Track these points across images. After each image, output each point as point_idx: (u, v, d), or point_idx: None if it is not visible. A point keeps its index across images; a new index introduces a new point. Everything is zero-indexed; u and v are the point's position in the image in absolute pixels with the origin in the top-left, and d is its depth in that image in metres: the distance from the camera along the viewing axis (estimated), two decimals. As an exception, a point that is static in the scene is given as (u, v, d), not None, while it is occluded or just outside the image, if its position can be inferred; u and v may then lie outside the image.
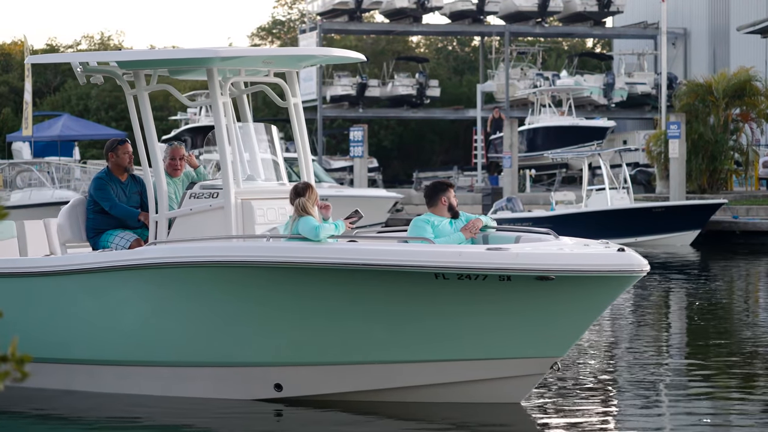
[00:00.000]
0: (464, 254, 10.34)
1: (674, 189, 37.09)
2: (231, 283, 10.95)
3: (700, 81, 41.05)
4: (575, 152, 37.93)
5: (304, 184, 11.22)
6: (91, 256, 11.75)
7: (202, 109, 59.29)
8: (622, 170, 32.88)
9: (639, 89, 61.63)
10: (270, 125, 12.70)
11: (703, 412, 11.20)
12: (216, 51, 11.68)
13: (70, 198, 40.49)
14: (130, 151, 12.72)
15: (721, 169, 39.90)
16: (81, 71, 11.99)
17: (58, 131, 52.28)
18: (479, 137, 56.60)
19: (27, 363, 4.12)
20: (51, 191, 40.88)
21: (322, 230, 10.73)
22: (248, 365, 11.27)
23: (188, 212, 11.79)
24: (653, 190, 42.78)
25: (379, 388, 11.17)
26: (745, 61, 46.75)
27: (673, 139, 37.40)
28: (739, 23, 50.10)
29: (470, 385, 11.04)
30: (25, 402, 11.70)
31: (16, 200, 39.96)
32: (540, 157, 47.84)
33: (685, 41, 63.45)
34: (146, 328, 11.40)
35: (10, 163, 48.96)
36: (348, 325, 10.89)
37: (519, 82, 62.04)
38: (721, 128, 39.42)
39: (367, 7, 62.38)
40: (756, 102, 40.00)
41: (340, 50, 12.37)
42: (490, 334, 10.76)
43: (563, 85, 57.21)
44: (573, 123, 52.85)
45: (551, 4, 61.61)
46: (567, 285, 10.43)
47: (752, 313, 19.66)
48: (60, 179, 45.65)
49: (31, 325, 11.83)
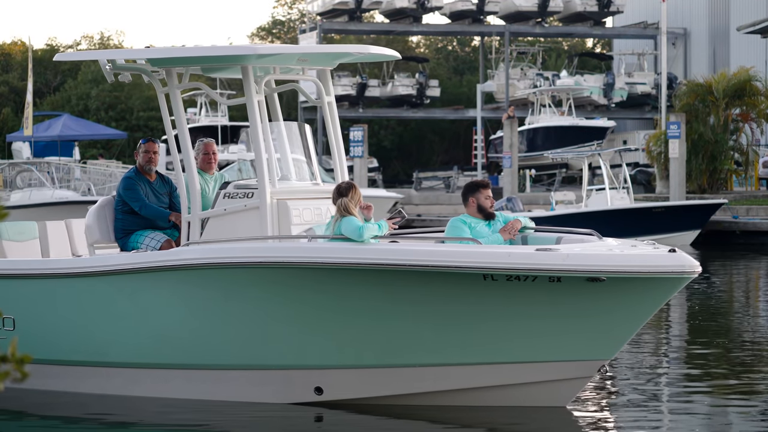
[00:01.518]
0: (514, 255, 10.10)
1: (674, 189, 37.09)
2: (272, 285, 10.69)
3: (700, 81, 41.05)
4: (575, 152, 37.92)
5: (347, 184, 10.95)
6: (126, 257, 11.43)
7: (202, 108, 59.30)
8: (622, 170, 32.88)
9: (639, 89, 61.65)
10: (303, 124, 12.42)
11: (704, 412, 11.18)
12: (253, 48, 11.50)
13: (69, 198, 40.67)
14: (152, 149, 12.40)
15: (721, 169, 39.90)
16: (110, 69, 11.64)
17: (58, 131, 52.28)
18: (479, 137, 56.59)
19: (27, 363, 4.12)
20: (51, 191, 40.87)
21: (365, 231, 10.46)
22: (288, 368, 11.00)
23: (222, 212, 11.46)
24: (653, 190, 42.78)
25: (422, 391, 10.89)
26: (745, 61, 46.76)
27: (673, 139, 37.40)
28: (739, 23, 50.10)
29: (515, 388, 10.79)
30: (60, 407, 11.48)
31: (16, 200, 39.95)
32: (540, 157, 47.86)
33: (685, 41, 63.44)
34: (183, 330, 11.12)
35: (10, 163, 48.96)
36: (392, 327, 10.62)
37: (519, 82, 62.05)
38: (721, 128, 39.42)
39: (367, 7, 62.37)
40: (756, 102, 40.00)
41: (376, 47, 11.98)
42: (537, 336, 10.51)
43: (563, 85, 57.22)
44: (573, 123, 52.87)
45: (551, 4, 61.61)
46: (618, 286, 10.19)
47: (752, 312, 19.65)
48: (60, 179, 45.65)
49: (63, 327, 11.57)
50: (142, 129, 71.36)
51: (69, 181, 46.88)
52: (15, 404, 11.55)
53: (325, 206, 11.63)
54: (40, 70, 73.54)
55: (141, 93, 72.53)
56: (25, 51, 74.88)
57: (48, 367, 11.69)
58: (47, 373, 11.72)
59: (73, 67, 77.64)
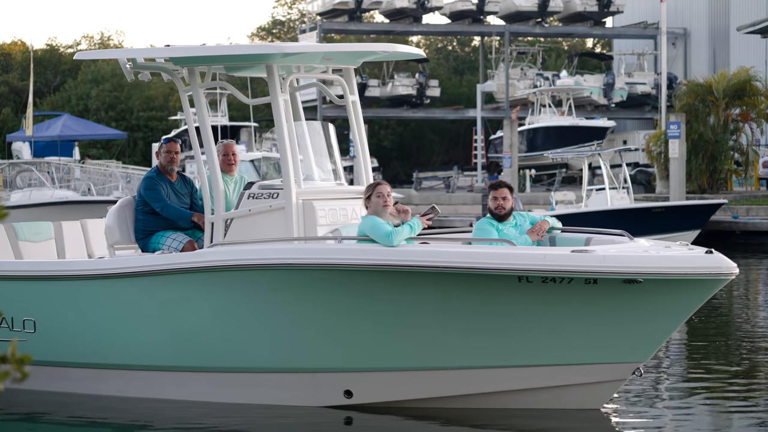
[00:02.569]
0: (549, 256, 9.92)
1: (674, 189, 37.08)
2: (301, 287, 10.49)
3: (700, 81, 41.05)
4: (575, 152, 37.91)
5: (372, 182, 10.84)
6: (151, 259, 11.19)
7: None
8: (622, 170, 32.86)
9: (639, 89, 61.68)
10: (327, 123, 12.23)
11: (703, 412, 11.17)
12: (279, 47, 11.27)
13: (69, 198, 40.66)
14: (174, 150, 12.14)
15: (721, 169, 39.90)
16: (130, 68, 11.38)
17: (58, 131, 52.27)
18: (479, 137, 56.61)
19: (27, 363, 4.12)
20: (51, 191, 40.87)
21: (395, 237, 10.25)
22: (317, 371, 10.81)
23: (247, 213, 11.20)
24: (653, 190, 42.78)
25: (453, 394, 10.72)
26: (745, 61, 46.77)
27: (673, 139, 37.39)
28: (739, 23, 50.10)
29: (549, 391, 10.63)
30: (80, 409, 11.33)
31: (16, 200, 39.95)
32: (540, 157, 47.87)
33: (685, 41, 63.45)
34: (209, 333, 10.91)
35: (10, 163, 48.96)
36: (423, 329, 10.43)
37: (519, 82, 62.07)
38: (721, 128, 39.42)
39: (367, 7, 62.38)
40: (756, 102, 39.99)
41: (402, 46, 11.77)
42: (572, 338, 10.35)
43: (563, 85, 57.24)
44: (573, 123, 52.89)
45: (551, 4, 61.63)
46: (654, 288, 10.02)
47: (752, 313, 19.66)
48: (60, 179, 45.65)
49: (85, 330, 11.40)
50: (142, 129, 71.39)
51: (69, 181, 46.88)
52: (35, 407, 11.44)
53: (351, 207, 11.48)
54: (40, 70, 73.53)
55: (141, 93, 72.54)
56: (25, 51, 74.96)
57: (69, 370, 11.60)
58: (68, 376, 11.62)
59: (73, 67, 77.62)
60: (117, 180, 47.08)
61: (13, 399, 11.54)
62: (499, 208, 11.22)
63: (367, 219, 10.55)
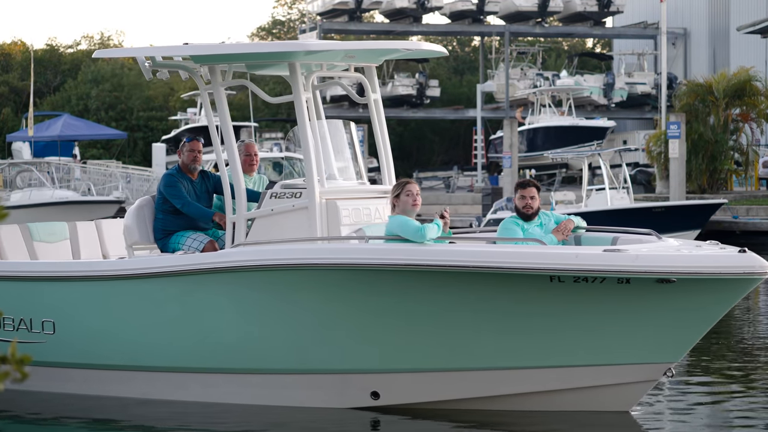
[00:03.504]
0: (581, 256, 9.80)
1: (674, 189, 37.07)
2: (328, 287, 10.35)
3: (700, 81, 41.05)
4: (575, 152, 37.91)
5: (400, 181, 10.74)
6: (175, 259, 11.03)
7: (202, 109, 59.30)
8: (622, 170, 32.86)
9: (639, 89, 61.67)
10: (348, 122, 12.06)
11: (702, 411, 11.15)
12: (302, 45, 11.11)
13: (69, 198, 40.67)
14: (196, 149, 11.93)
15: (721, 169, 39.90)
16: (149, 66, 11.22)
17: (58, 131, 52.28)
18: (479, 137, 56.61)
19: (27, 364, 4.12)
20: (51, 191, 40.89)
21: (427, 231, 10.15)
22: (344, 372, 10.67)
23: (269, 213, 11.02)
24: (653, 190, 42.78)
25: (482, 395, 10.59)
26: (745, 61, 46.76)
27: (673, 139, 37.38)
28: (739, 23, 50.10)
29: (579, 392, 10.49)
30: (102, 411, 11.18)
31: (16, 200, 39.96)
32: (540, 157, 47.86)
33: (685, 41, 63.45)
34: (234, 333, 10.76)
35: (10, 163, 48.96)
36: (454, 329, 10.29)
37: (519, 82, 62.07)
38: (721, 128, 39.41)
39: (367, 7, 62.39)
40: (756, 102, 39.99)
41: (425, 43, 11.63)
42: (604, 339, 10.22)
43: (563, 85, 57.24)
44: (573, 123, 52.88)
45: (551, 4, 61.63)
46: (687, 288, 9.91)
47: (752, 313, 19.65)
48: (60, 179, 45.66)
49: (106, 331, 11.24)
50: (142, 129, 71.39)
51: (69, 181, 46.88)
52: (55, 409, 11.32)
53: (374, 206, 11.34)
54: (40, 70, 73.52)
55: (141, 93, 72.54)
56: (25, 51, 74.95)
57: (89, 372, 11.46)
58: (88, 378, 11.48)
59: (73, 67, 77.61)
60: (117, 180, 47.09)
61: (32, 401, 11.43)
62: (526, 207, 11.09)
63: (395, 218, 10.42)
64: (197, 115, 59.85)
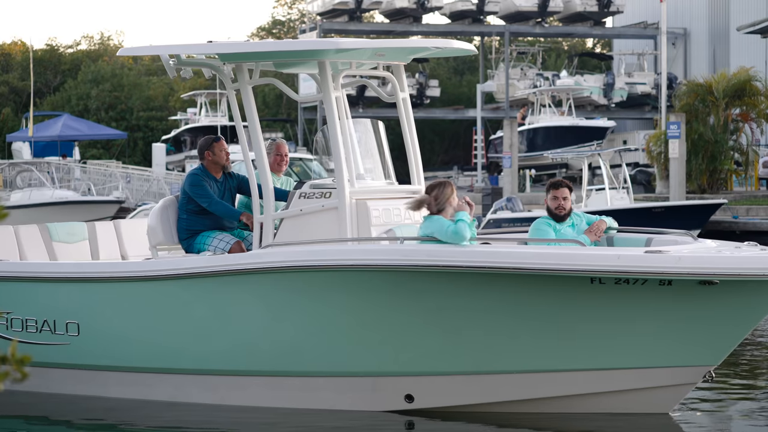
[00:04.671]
0: (623, 257, 9.58)
1: (674, 189, 37.07)
2: (363, 288, 10.16)
3: (700, 81, 41.03)
4: (575, 152, 37.92)
5: (437, 181, 10.58)
6: (205, 260, 10.78)
7: (202, 109, 59.30)
8: (622, 170, 32.86)
9: (639, 89, 61.71)
10: (377, 121, 11.91)
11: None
12: (334, 42, 10.85)
13: (69, 198, 40.70)
14: (226, 148, 11.75)
15: (721, 169, 39.88)
16: (174, 64, 10.97)
17: (58, 131, 52.34)
18: (479, 137, 56.64)
19: (27, 363, 4.12)
20: (51, 191, 40.93)
21: (464, 231, 9.96)
22: (378, 375, 10.45)
23: (298, 213, 10.80)
24: (653, 190, 42.78)
25: (519, 399, 10.40)
26: (745, 61, 46.77)
27: (673, 139, 37.38)
28: (739, 23, 50.11)
29: (618, 395, 10.32)
30: (128, 414, 10.97)
31: (16, 200, 40.00)
32: (540, 157, 47.88)
33: (685, 41, 63.47)
34: (266, 336, 10.55)
35: (10, 163, 49.00)
36: (491, 331, 10.11)
37: (519, 82, 62.10)
38: (721, 128, 39.40)
39: (367, 7, 62.40)
40: (756, 102, 39.98)
41: (455, 41, 11.41)
42: (644, 341, 10.05)
43: (563, 85, 57.25)
44: (573, 123, 52.91)
45: (551, 4, 61.66)
46: (729, 290, 9.73)
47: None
48: (60, 179, 45.68)
49: (133, 333, 11.02)
50: (142, 129, 71.40)
51: (69, 181, 46.91)
52: (80, 412, 11.16)
53: (404, 206, 11.08)
54: (40, 70, 73.55)
55: (141, 93, 72.56)
56: (25, 51, 74.96)
57: (114, 374, 11.27)
58: (114, 381, 11.30)
59: (73, 67, 77.60)
60: (117, 180, 47.11)
61: (56, 403, 11.31)
62: (559, 208, 10.95)
63: (431, 219, 10.24)
64: (197, 115, 59.86)
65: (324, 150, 11.44)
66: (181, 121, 61.86)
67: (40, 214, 36.70)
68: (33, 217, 34.88)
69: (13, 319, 11.55)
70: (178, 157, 57.47)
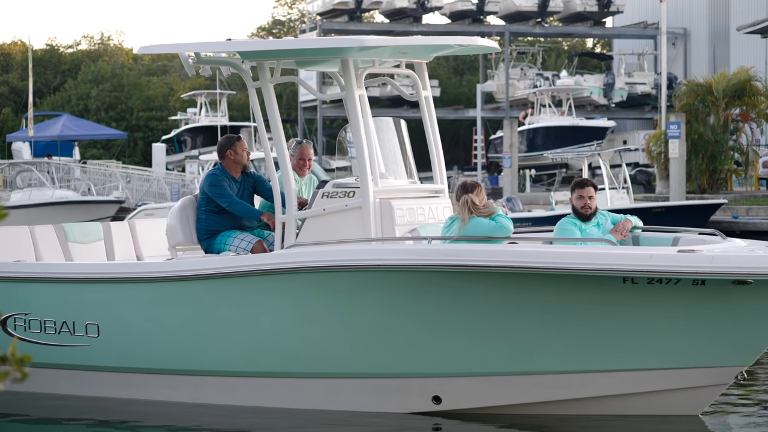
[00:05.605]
0: (656, 257, 9.48)
1: (674, 189, 37.06)
2: (391, 288, 10.04)
3: (700, 81, 41.02)
4: (575, 152, 37.91)
5: (473, 182, 10.54)
6: (229, 260, 10.63)
7: (202, 109, 59.29)
8: (622, 170, 32.86)
9: (639, 89, 61.71)
10: (399, 119, 11.75)
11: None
12: (357, 40, 10.67)
13: (69, 198, 40.68)
14: (247, 147, 11.67)
15: (721, 169, 39.87)
16: (193, 62, 10.87)
17: (58, 131, 52.33)
18: (479, 137, 56.64)
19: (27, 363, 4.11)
20: (51, 191, 40.90)
21: (510, 222, 10.03)
22: (404, 376, 10.32)
23: (321, 212, 10.70)
24: (653, 190, 42.78)
25: (548, 400, 10.28)
26: (745, 61, 46.77)
27: (673, 139, 37.37)
28: (739, 23, 50.09)
29: (648, 396, 10.22)
30: (148, 416, 10.88)
31: (16, 200, 39.99)
32: (540, 157, 47.87)
33: (685, 41, 63.46)
34: (291, 337, 10.41)
35: (10, 163, 48.99)
36: (521, 332, 10.00)
37: (519, 82, 62.09)
38: (721, 128, 39.39)
39: (367, 7, 62.39)
40: (756, 102, 39.97)
41: (479, 39, 11.37)
42: (675, 341, 9.94)
43: (563, 85, 57.25)
44: (573, 123, 52.90)
45: (551, 4, 61.66)
46: (762, 289, 9.62)
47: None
48: (60, 179, 45.67)
49: (155, 334, 10.88)
50: (142, 129, 71.39)
51: (69, 181, 46.90)
52: (100, 414, 11.05)
53: (427, 206, 11.10)
54: (40, 70, 73.55)
55: (141, 93, 72.55)
56: (25, 51, 74.91)
57: (135, 376, 11.12)
58: (135, 382, 11.14)
59: (73, 67, 77.58)
60: (117, 180, 47.10)
61: (76, 406, 11.21)
62: (585, 207, 10.89)
63: (474, 220, 10.23)
64: (197, 115, 59.85)
65: (347, 149, 11.30)
66: (181, 121, 61.83)
67: (40, 214, 36.69)
68: (33, 217, 34.87)
69: (31, 320, 11.40)
70: (178, 157, 57.48)
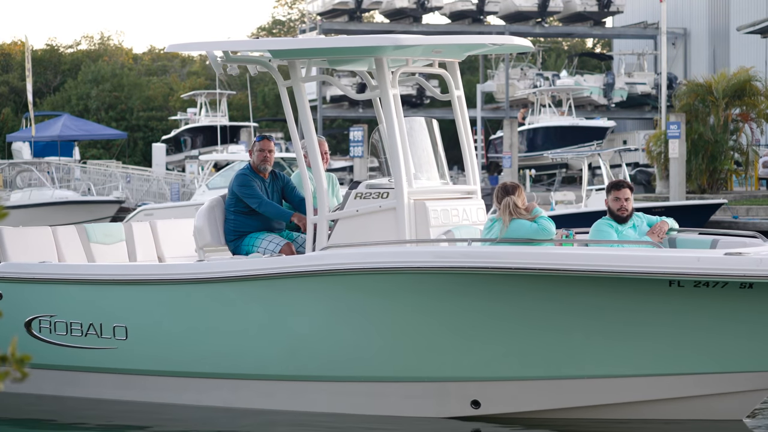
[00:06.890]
0: (703, 260, 9.33)
1: (674, 189, 37.06)
2: (429, 291, 9.87)
3: (700, 81, 41.02)
4: (575, 152, 37.91)
5: (513, 184, 10.45)
6: (261, 263, 10.47)
7: (202, 109, 59.30)
8: (622, 170, 32.86)
9: (639, 89, 61.71)
10: (431, 119, 11.64)
11: None
12: (392, 39, 10.51)
13: (69, 198, 40.67)
14: (267, 148, 11.47)
15: (721, 169, 39.87)
16: (221, 60, 10.72)
17: (58, 131, 52.30)
18: (479, 137, 56.64)
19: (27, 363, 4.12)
20: (51, 191, 40.89)
21: (552, 223, 10.01)
22: (443, 380, 10.17)
23: (354, 214, 10.55)
24: (653, 190, 42.77)
25: (590, 405, 10.12)
26: (745, 61, 46.77)
27: (673, 139, 37.37)
28: (739, 23, 50.09)
29: (692, 400, 10.07)
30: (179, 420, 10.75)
31: (16, 200, 39.98)
32: (540, 157, 47.86)
33: (685, 41, 63.46)
34: (326, 340, 10.24)
35: (10, 163, 48.99)
36: (563, 335, 9.84)
37: (519, 82, 62.09)
38: (721, 128, 39.39)
39: (367, 7, 62.38)
40: (756, 102, 39.97)
41: (513, 37, 11.28)
42: (720, 345, 9.79)
43: (563, 85, 57.25)
44: (573, 123, 52.89)
45: (551, 4, 61.65)
46: None
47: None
48: (60, 179, 45.66)
49: (184, 337, 10.70)
50: (142, 129, 71.40)
51: (69, 181, 46.89)
52: (129, 418, 10.94)
53: (461, 207, 10.98)
54: (40, 70, 73.56)
55: (141, 93, 72.55)
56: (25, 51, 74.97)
57: (165, 379, 10.96)
58: (164, 386, 10.99)
59: (73, 67, 77.59)
60: (117, 180, 47.08)
61: (106, 409, 11.08)
62: (621, 209, 10.79)
63: (516, 222, 10.22)
64: (197, 115, 59.87)
65: (381, 150, 11.13)
66: (181, 121, 61.85)
67: (40, 214, 36.70)
68: (33, 217, 34.89)
69: (56, 322, 11.24)
70: (178, 157, 57.50)
